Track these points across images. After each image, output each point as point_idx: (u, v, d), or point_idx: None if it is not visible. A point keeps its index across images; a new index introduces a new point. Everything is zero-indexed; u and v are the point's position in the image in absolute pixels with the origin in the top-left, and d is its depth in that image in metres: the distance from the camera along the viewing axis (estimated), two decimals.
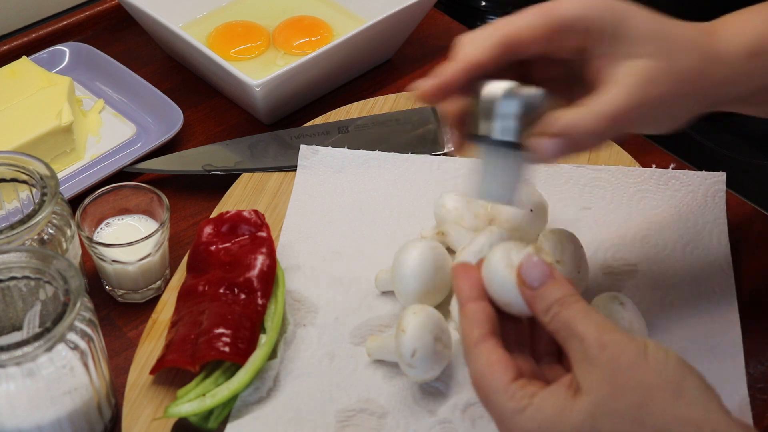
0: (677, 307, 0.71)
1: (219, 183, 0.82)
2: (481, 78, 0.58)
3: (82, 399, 0.60)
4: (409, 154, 0.83)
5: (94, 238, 0.72)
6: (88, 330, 0.59)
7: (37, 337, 0.55)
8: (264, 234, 0.72)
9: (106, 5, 1.01)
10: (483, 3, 1.20)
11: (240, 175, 0.82)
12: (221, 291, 0.68)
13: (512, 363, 0.52)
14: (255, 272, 0.69)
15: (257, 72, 0.93)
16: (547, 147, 0.56)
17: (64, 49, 0.94)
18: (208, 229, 0.73)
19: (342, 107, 0.89)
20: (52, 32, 0.97)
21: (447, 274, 0.68)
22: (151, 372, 0.66)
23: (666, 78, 0.57)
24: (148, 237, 0.70)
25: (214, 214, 0.78)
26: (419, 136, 0.85)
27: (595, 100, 0.57)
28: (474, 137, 0.58)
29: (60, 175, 0.81)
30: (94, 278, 0.75)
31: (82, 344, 0.58)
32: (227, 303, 0.67)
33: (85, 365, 0.59)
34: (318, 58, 0.85)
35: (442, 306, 0.69)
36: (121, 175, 0.82)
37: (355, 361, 0.68)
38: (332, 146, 0.84)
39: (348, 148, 0.83)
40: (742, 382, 0.66)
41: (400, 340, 0.63)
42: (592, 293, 0.67)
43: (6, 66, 0.87)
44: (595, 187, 0.80)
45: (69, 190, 0.80)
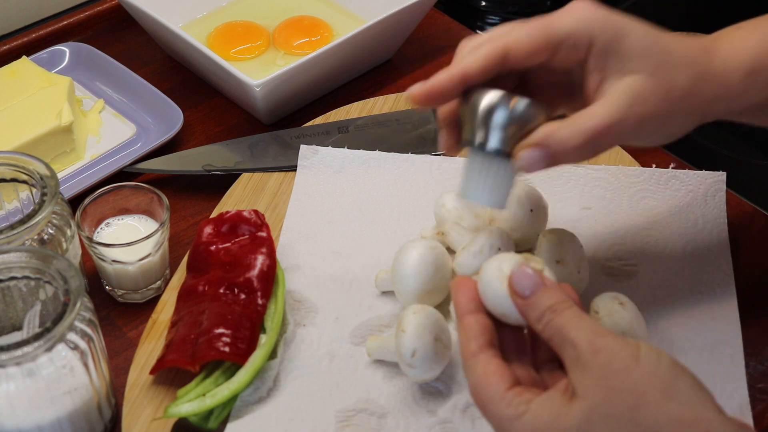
0: (677, 307, 0.71)
1: (219, 183, 0.82)
2: (476, 85, 0.58)
3: (82, 399, 0.60)
4: (409, 154, 0.83)
5: (94, 238, 0.72)
6: (88, 330, 0.59)
7: (37, 337, 0.55)
8: (264, 234, 0.72)
9: (106, 5, 1.01)
10: (483, 3, 1.20)
11: (240, 175, 0.82)
12: (221, 291, 0.68)
13: (509, 372, 0.53)
14: (255, 272, 0.69)
15: (257, 72, 0.93)
16: (528, 158, 0.57)
17: (64, 49, 0.94)
18: (208, 229, 0.73)
19: (342, 107, 0.89)
20: (52, 32, 0.97)
21: (447, 274, 0.68)
22: (151, 372, 0.66)
23: (658, 96, 0.57)
24: (148, 237, 0.70)
25: (214, 214, 0.78)
26: (419, 136, 0.85)
27: (580, 115, 0.57)
28: (464, 142, 0.60)
29: (60, 175, 0.81)
30: (94, 278, 0.75)
31: (82, 344, 0.58)
32: (227, 303, 0.67)
33: (85, 365, 0.59)
34: (318, 58, 0.85)
35: (442, 306, 0.69)
36: (121, 175, 0.82)
37: (355, 361, 0.68)
38: (332, 146, 0.84)
39: (348, 148, 0.83)
40: (742, 382, 0.66)
41: (400, 340, 0.63)
42: (592, 293, 0.67)
43: (6, 66, 0.87)
44: (595, 187, 0.80)
45: (69, 190, 0.80)
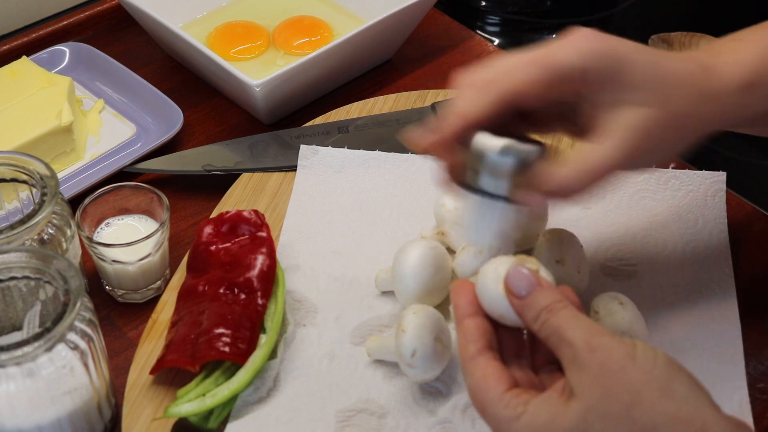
0: (677, 307, 0.71)
1: (219, 183, 0.82)
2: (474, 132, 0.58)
3: (82, 399, 0.60)
4: (409, 154, 0.83)
5: (94, 238, 0.72)
6: (88, 330, 0.59)
7: (37, 337, 0.55)
8: (264, 234, 0.72)
9: (106, 5, 1.01)
10: (483, 3, 1.20)
11: (240, 175, 0.82)
12: (221, 291, 0.68)
13: (507, 374, 0.53)
14: (255, 272, 0.69)
15: (257, 72, 0.93)
16: (533, 203, 0.58)
17: (64, 49, 0.94)
18: (208, 229, 0.73)
19: (342, 107, 0.89)
20: (52, 32, 0.97)
21: (447, 274, 0.68)
22: (151, 372, 0.66)
23: (661, 126, 0.57)
24: (148, 237, 0.70)
25: (214, 214, 0.78)
26: None
27: (584, 154, 0.57)
28: (465, 186, 0.59)
29: (60, 175, 0.81)
30: (94, 278, 0.75)
31: (82, 344, 0.58)
32: (227, 303, 0.67)
33: (85, 365, 0.59)
34: (318, 58, 0.85)
35: (442, 306, 0.69)
36: (121, 175, 0.82)
37: (355, 361, 0.68)
38: (332, 146, 0.84)
39: (348, 148, 0.83)
40: (742, 382, 0.66)
41: (400, 340, 0.63)
42: (592, 293, 0.67)
43: (6, 66, 0.87)
44: None
45: (69, 190, 0.80)
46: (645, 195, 0.79)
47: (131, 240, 0.70)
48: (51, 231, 0.66)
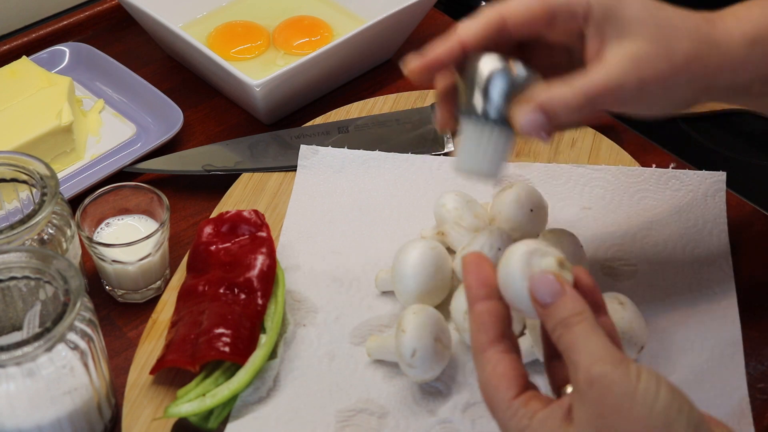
0: (677, 307, 0.71)
1: (219, 183, 0.82)
2: (472, 54, 0.59)
3: (82, 399, 0.60)
4: (409, 154, 0.83)
5: (94, 238, 0.72)
6: (88, 330, 0.59)
7: (37, 337, 0.55)
8: (264, 234, 0.72)
9: (106, 5, 1.01)
10: (483, 3, 1.20)
11: (240, 175, 0.82)
12: (221, 291, 0.68)
13: (518, 371, 0.51)
14: (255, 272, 0.69)
15: (257, 72, 0.93)
16: (527, 121, 0.57)
17: (64, 49, 0.94)
18: (208, 229, 0.73)
19: (342, 107, 0.89)
20: (52, 32, 0.98)
21: (447, 274, 0.68)
22: (151, 372, 0.66)
23: (659, 60, 0.57)
24: (148, 237, 0.70)
25: (214, 214, 0.78)
26: (419, 136, 0.85)
27: (579, 76, 0.57)
28: (460, 112, 0.59)
29: (60, 175, 0.81)
30: (94, 278, 0.75)
31: (82, 344, 0.58)
32: (227, 303, 0.67)
33: (85, 365, 0.59)
34: (318, 58, 0.85)
35: (442, 306, 0.69)
36: (121, 175, 0.82)
37: (355, 361, 0.68)
38: (332, 146, 0.84)
39: (348, 148, 0.83)
40: (742, 382, 0.66)
41: (400, 340, 0.63)
42: None
43: (6, 66, 0.87)
44: (595, 187, 0.80)
45: (69, 190, 0.80)
46: (645, 195, 0.79)
47: (131, 240, 0.70)
48: (51, 231, 0.66)
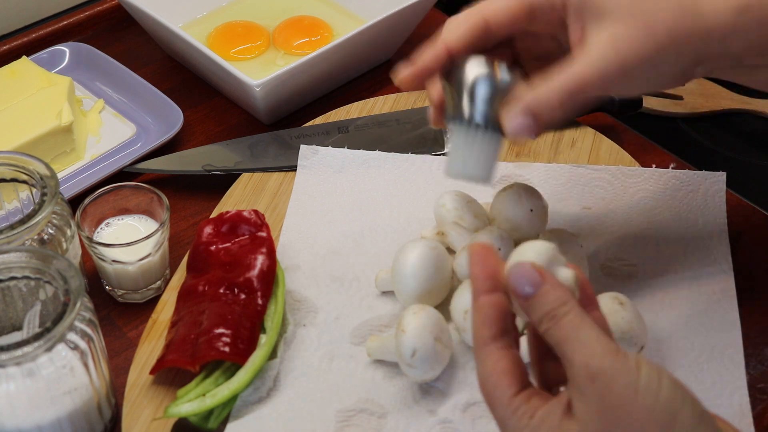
0: (677, 307, 0.71)
1: (219, 183, 0.82)
2: (458, 59, 0.59)
3: (82, 399, 0.60)
4: (409, 154, 0.83)
5: (94, 238, 0.72)
6: (88, 330, 0.59)
7: (37, 337, 0.55)
8: (264, 234, 0.72)
9: (106, 5, 1.01)
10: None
11: (240, 175, 0.82)
12: (221, 291, 0.68)
13: (519, 368, 0.51)
14: (255, 272, 0.69)
15: (257, 72, 0.93)
16: (514, 126, 0.57)
17: (64, 49, 0.94)
18: (208, 229, 0.73)
19: (342, 107, 0.89)
20: (52, 32, 0.98)
21: (447, 274, 0.68)
22: (151, 372, 0.66)
23: (640, 36, 0.56)
24: (148, 237, 0.70)
25: (214, 214, 0.78)
26: (419, 136, 0.85)
27: (559, 71, 0.57)
28: (448, 118, 0.60)
29: (60, 175, 0.81)
30: (94, 278, 0.75)
31: (82, 344, 0.58)
32: (227, 303, 0.67)
33: (85, 365, 0.59)
34: (318, 58, 0.85)
35: (442, 306, 0.69)
36: (121, 175, 0.82)
37: (355, 361, 0.68)
38: (332, 146, 0.84)
39: (348, 148, 0.83)
40: (742, 382, 0.66)
41: (400, 340, 0.63)
42: None
43: (6, 66, 0.87)
44: (595, 187, 0.80)
45: (69, 190, 0.80)
46: (645, 195, 0.79)
47: (131, 240, 0.70)
48: (51, 231, 0.66)
